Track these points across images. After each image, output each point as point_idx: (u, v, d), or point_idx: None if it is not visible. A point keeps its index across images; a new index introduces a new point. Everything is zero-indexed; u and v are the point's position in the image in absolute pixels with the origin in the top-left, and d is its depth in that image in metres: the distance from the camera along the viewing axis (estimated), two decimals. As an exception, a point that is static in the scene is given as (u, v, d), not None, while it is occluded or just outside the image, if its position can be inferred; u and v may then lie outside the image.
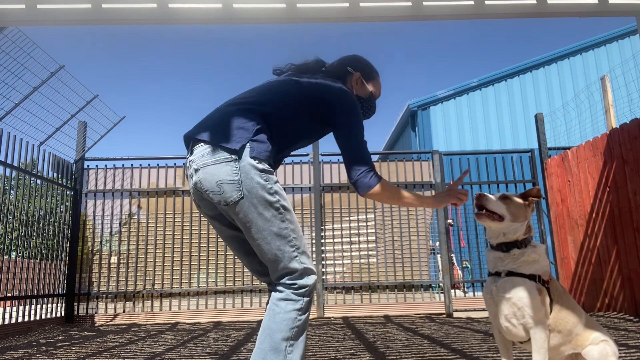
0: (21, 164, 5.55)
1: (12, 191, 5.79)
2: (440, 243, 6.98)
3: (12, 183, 5.66)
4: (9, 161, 5.29)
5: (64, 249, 6.57)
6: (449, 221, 7.10)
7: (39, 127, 5.95)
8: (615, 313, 5.49)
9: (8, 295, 5.31)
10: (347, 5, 4.21)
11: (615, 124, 6.17)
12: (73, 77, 6.11)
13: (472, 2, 4.26)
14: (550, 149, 7.12)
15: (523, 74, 14.13)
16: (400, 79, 51.52)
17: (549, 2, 4.26)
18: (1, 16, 4.07)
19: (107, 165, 7.02)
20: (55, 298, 6.27)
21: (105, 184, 6.96)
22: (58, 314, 6.31)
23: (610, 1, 4.29)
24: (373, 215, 7.06)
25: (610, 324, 4.70)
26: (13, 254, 5.58)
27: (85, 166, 6.94)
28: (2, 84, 5.20)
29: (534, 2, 4.26)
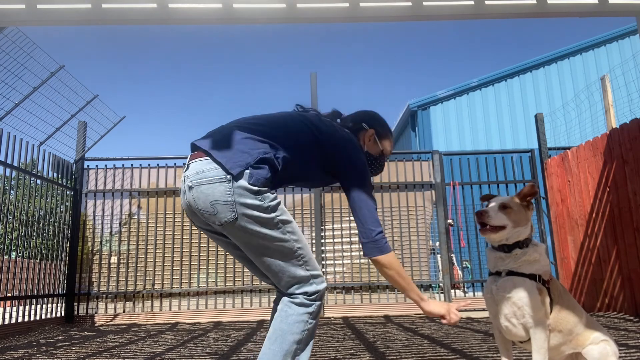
0: (21, 164, 5.55)
1: (12, 191, 5.79)
2: (440, 243, 6.98)
3: (12, 183, 5.66)
4: (9, 161, 5.29)
5: (64, 249, 6.57)
6: (449, 221, 7.10)
7: (39, 127, 5.96)
8: (615, 313, 5.49)
9: (8, 295, 5.31)
10: (347, 5, 4.21)
11: (615, 124, 6.17)
12: (73, 77, 6.12)
13: (472, 2, 4.26)
14: (550, 149, 7.12)
15: (523, 74, 14.13)
16: (400, 79, 51.53)
17: (549, 2, 4.26)
18: (1, 16, 4.07)
19: (107, 165, 7.02)
20: (55, 298, 6.27)
21: (105, 184, 6.96)
22: (58, 314, 6.31)
23: (610, 1, 4.29)
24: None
25: (610, 324, 4.69)
26: (13, 254, 5.58)
27: (85, 166, 6.95)
28: (2, 84, 5.21)
29: (534, 2, 4.27)
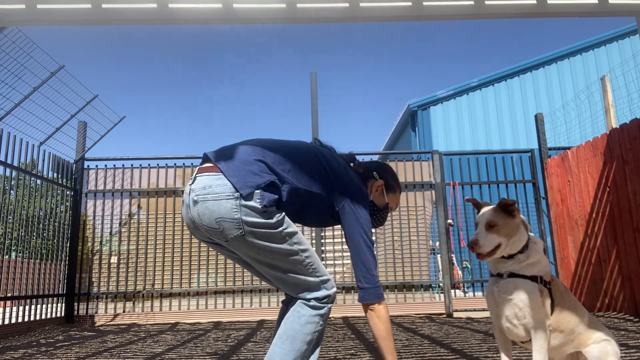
0: (21, 164, 5.55)
1: (12, 191, 5.79)
2: (440, 243, 6.98)
3: (12, 183, 5.66)
4: (9, 161, 5.29)
5: (64, 249, 6.57)
6: (449, 221, 7.10)
7: (39, 127, 5.96)
8: (615, 313, 5.49)
9: (8, 295, 5.31)
10: (347, 5, 4.21)
11: (615, 124, 6.17)
12: (73, 77, 6.12)
13: (472, 2, 4.26)
14: (550, 149, 7.12)
15: (523, 74, 14.13)
16: (400, 79, 51.54)
17: (549, 2, 4.26)
18: (1, 16, 4.07)
19: (107, 165, 7.02)
20: (55, 298, 6.27)
21: (105, 184, 6.96)
22: (58, 314, 6.31)
23: (610, 1, 4.29)
24: (373, 215, 7.04)
25: (610, 324, 4.69)
26: (13, 254, 5.58)
27: (85, 166, 6.94)
28: (2, 84, 5.21)
29: (534, 2, 4.26)
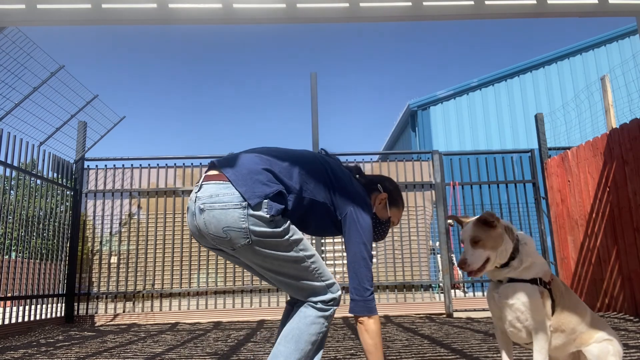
0: (21, 164, 5.55)
1: (12, 191, 5.79)
2: (440, 243, 6.98)
3: (12, 183, 5.66)
4: (9, 161, 5.29)
5: (64, 249, 6.56)
6: (449, 221, 7.10)
7: (39, 127, 5.96)
8: (615, 313, 5.49)
9: (8, 295, 5.31)
10: (347, 5, 4.21)
11: (615, 124, 6.17)
12: (73, 77, 6.12)
13: (472, 2, 4.26)
14: (550, 149, 7.12)
15: (523, 74, 14.12)
16: (400, 79, 51.53)
17: (549, 2, 4.26)
18: (1, 16, 4.07)
19: (107, 165, 7.02)
20: (55, 298, 6.27)
21: (105, 184, 6.96)
22: (58, 314, 6.31)
23: (610, 1, 4.29)
24: (373, 215, 7.04)
25: (610, 324, 4.68)
26: (13, 254, 5.58)
27: (85, 166, 6.94)
28: (2, 84, 5.21)
29: (534, 2, 4.26)
